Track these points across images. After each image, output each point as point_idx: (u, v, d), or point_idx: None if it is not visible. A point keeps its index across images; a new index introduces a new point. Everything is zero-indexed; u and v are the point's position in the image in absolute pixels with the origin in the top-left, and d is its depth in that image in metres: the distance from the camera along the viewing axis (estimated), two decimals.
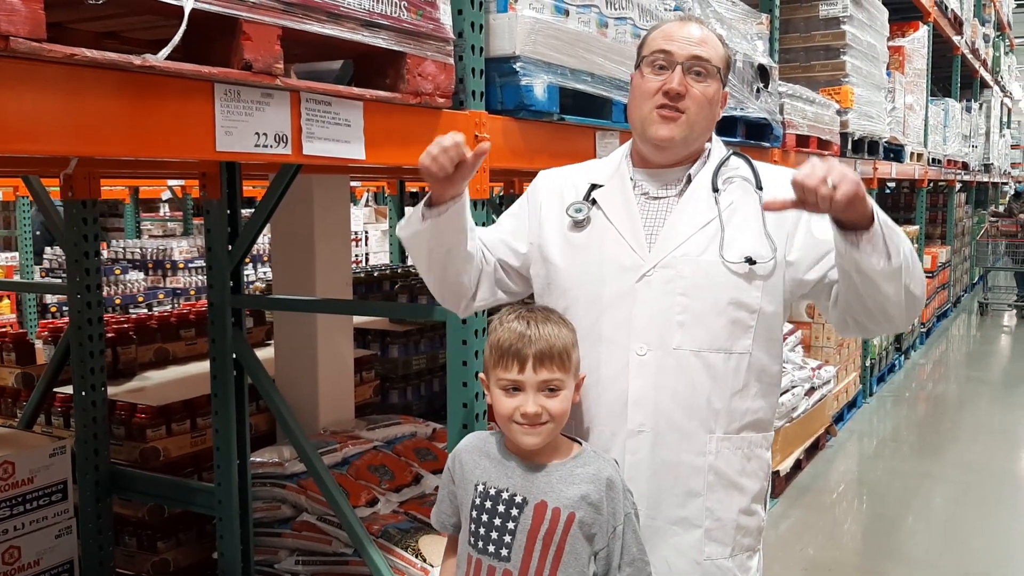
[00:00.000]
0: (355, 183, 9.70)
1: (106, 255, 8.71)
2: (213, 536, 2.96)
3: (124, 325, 3.89)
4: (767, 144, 3.97)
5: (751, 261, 1.58)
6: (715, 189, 1.64)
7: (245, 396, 2.83)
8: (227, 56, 1.44)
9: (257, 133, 1.53)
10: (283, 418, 2.69)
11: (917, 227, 8.60)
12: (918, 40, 7.47)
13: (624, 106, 2.58)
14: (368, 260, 11.30)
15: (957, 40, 9.52)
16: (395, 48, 1.77)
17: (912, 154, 7.58)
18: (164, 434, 3.25)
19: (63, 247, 3.13)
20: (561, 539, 1.49)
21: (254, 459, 2.99)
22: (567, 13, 2.33)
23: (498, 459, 1.56)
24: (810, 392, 5.13)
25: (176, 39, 1.29)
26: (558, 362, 1.49)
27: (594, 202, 1.69)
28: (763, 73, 3.82)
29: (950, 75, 10.31)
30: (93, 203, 3.08)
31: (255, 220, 2.74)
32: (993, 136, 12.99)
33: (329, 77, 1.86)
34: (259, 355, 2.81)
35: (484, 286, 1.73)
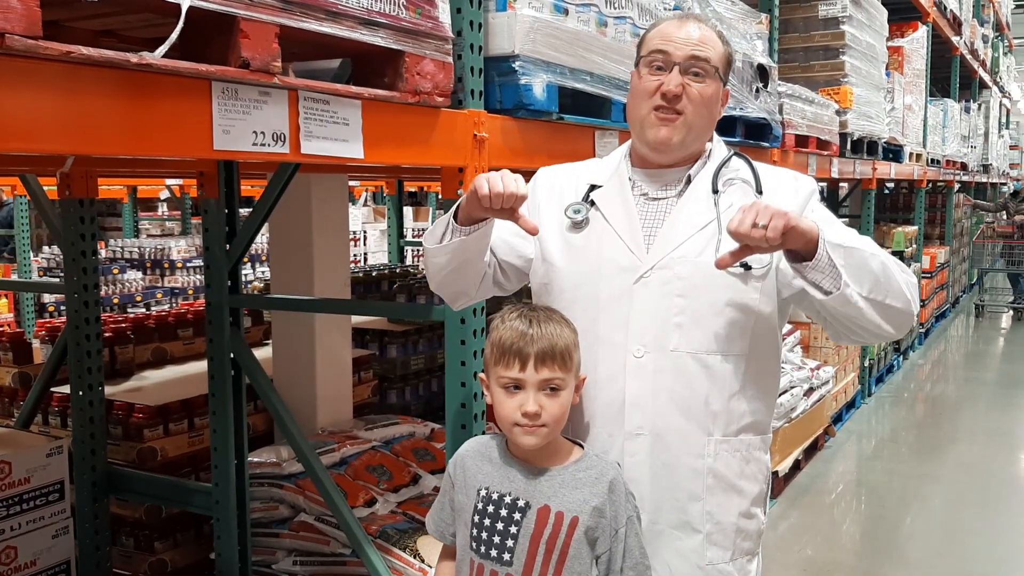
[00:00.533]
0: (353, 183, 9.70)
1: (104, 254, 8.71)
2: (211, 536, 2.95)
3: (122, 325, 3.88)
4: (766, 144, 3.96)
5: (746, 266, 1.57)
6: (715, 191, 1.63)
7: (243, 396, 2.83)
8: (225, 54, 1.43)
9: (255, 132, 1.52)
10: (281, 418, 2.69)
11: (916, 227, 8.60)
12: (917, 40, 7.46)
13: (623, 106, 2.58)
14: (366, 260, 11.31)
15: (956, 41, 9.52)
16: (394, 47, 1.76)
17: (911, 154, 7.58)
18: (161, 434, 3.24)
19: (60, 246, 3.12)
20: (564, 544, 1.48)
21: (252, 459, 2.98)
22: (566, 12, 2.32)
23: (500, 463, 1.55)
24: (809, 392, 5.13)
25: (173, 37, 1.28)
26: (560, 362, 1.49)
27: (592, 203, 1.68)
28: (762, 73, 3.82)
29: (949, 76, 10.32)
30: (91, 202, 3.07)
31: (253, 219, 2.74)
32: (992, 137, 13.00)
33: (327, 76, 1.85)
34: (257, 355, 2.81)
35: (483, 286, 1.74)
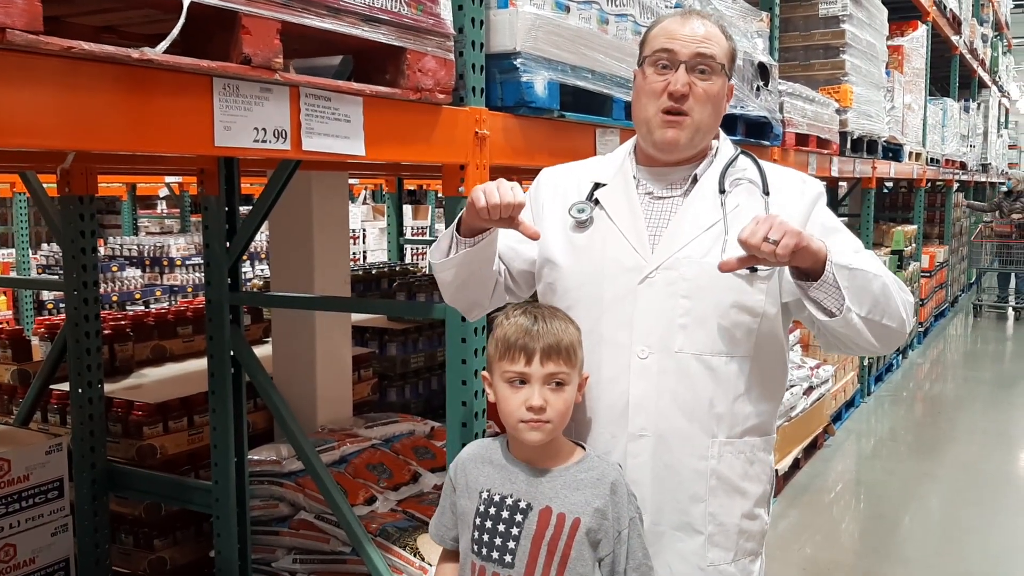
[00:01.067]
0: (353, 181, 9.68)
1: (103, 252, 8.69)
2: (210, 534, 2.95)
3: (121, 322, 3.88)
4: (766, 143, 3.96)
5: (752, 268, 1.55)
6: (722, 191, 1.61)
7: (243, 394, 2.82)
8: (226, 50, 1.42)
9: (256, 128, 1.51)
10: (281, 416, 2.68)
11: (915, 226, 8.60)
12: (917, 39, 7.46)
13: (624, 103, 2.58)
14: (366, 258, 11.30)
15: (956, 40, 9.52)
16: (395, 43, 1.76)
17: (910, 153, 7.58)
18: (161, 432, 3.24)
19: (60, 244, 3.12)
20: (566, 545, 1.48)
21: (252, 457, 2.98)
22: (568, 9, 2.32)
23: (502, 465, 1.55)
24: (808, 391, 5.13)
25: (175, 32, 1.28)
26: (565, 356, 1.49)
27: (597, 202, 1.67)
28: (763, 71, 3.81)
29: (948, 75, 10.32)
30: (90, 199, 3.06)
31: (253, 217, 2.73)
32: (991, 136, 13.00)
33: (328, 72, 1.85)
34: (257, 352, 2.80)
35: (496, 295, 1.74)
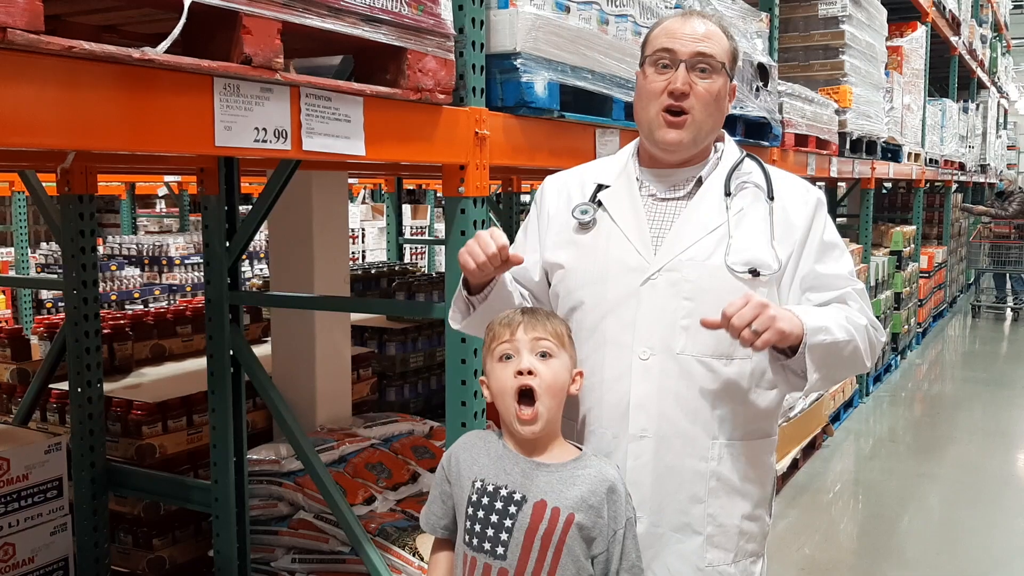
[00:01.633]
0: (352, 180, 9.68)
1: (102, 251, 8.69)
2: (209, 533, 2.95)
3: (120, 321, 3.87)
4: (766, 143, 3.96)
5: (755, 272, 1.56)
6: (727, 193, 1.62)
7: (242, 393, 2.82)
8: (227, 50, 1.43)
9: (257, 128, 1.51)
10: (280, 415, 2.68)
11: (914, 227, 8.61)
12: (916, 40, 7.46)
13: (624, 104, 2.58)
14: (365, 257, 11.29)
15: (955, 41, 9.52)
16: (396, 43, 1.76)
17: (909, 154, 7.59)
18: (160, 431, 3.24)
19: (59, 243, 3.11)
20: (559, 539, 1.47)
21: (251, 456, 2.98)
22: (568, 10, 2.32)
23: (497, 456, 1.54)
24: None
25: (176, 32, 1.28)
26: (551, 333, 1.52)
27: (600, 203, 1.67)
28: (762, 72, 3.81)
29: (947, 76, 10.32)
30: (90, 198, 3.06)
31: (253, 216, 2.73)
32: (989, 137, 13.01)
33: (329, 72, 1.85)
34: (256, 352, 2.80)
35: None
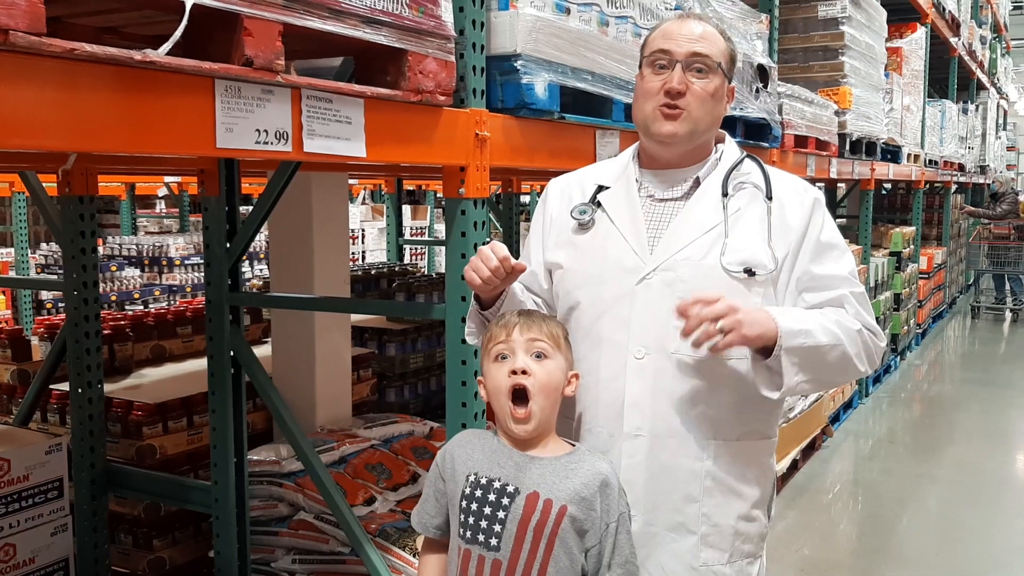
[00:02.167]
0: (352, 181, 9.68)
1: (102, 251, 8.69)
2: (209, 534, 2.95)
3: (121, 322, 3.88)
4: (765, 144, 3.96)
5: (750, 272, 1.56)
6: (725, 193, 1.62)
7: (242, 394, 2.82)
8: (228, 52, 1.43)
9: (258, 130, 1.52)
10: (280, 416, 2.68)
11: (913, 228, 8.62)
12: (916, 41, 7.47)
13: (624, 105, 2.59)
14: (365, 258, 11.29)
15: (954, 42, 9.53)
16: (396, 45, 1.76)
17: (909, 155, 7.59)
18: (161, 432, 3.24)
19: (60, 243, 3.12)
20: (552, 531, 1.48)
21: (251, 457, 2.98)
22: (568, 11, 2.32)
23: (491, 450, 1.56)
24: None
25: (177, 34, 1.28)
26: (547, 334, 1.53)
27: (599, 204, 1.69)
28: (762, 73, 3.82)
29: (947, 77, 10.33)
30: (91, 199, 3.06)
31: (253, 217, 2.73)
32: (989, 138, 13.01)
33: (330, 74, 1.85)
34: (256, 353, 2.80)
35: None
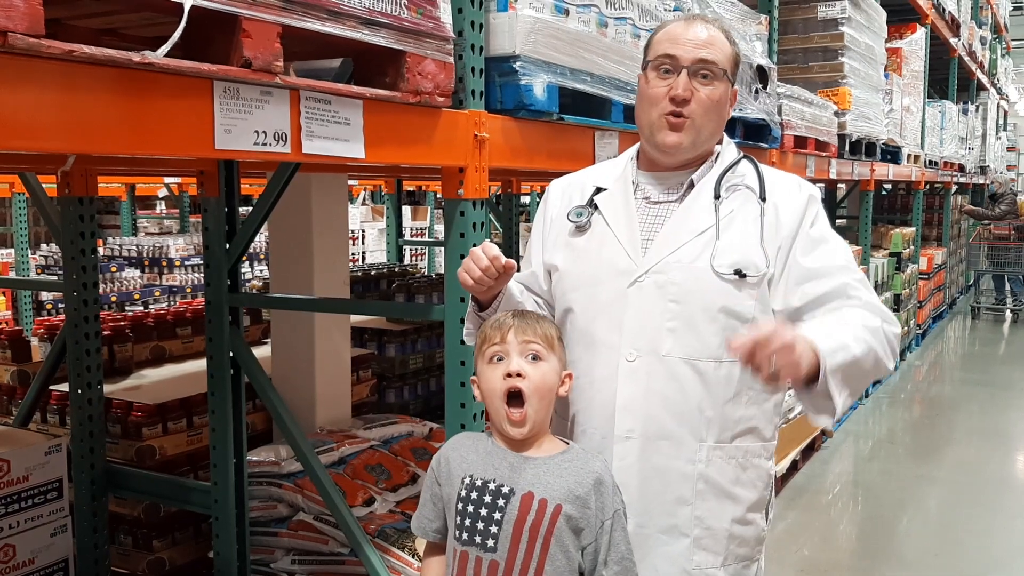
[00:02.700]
0: (352, 182, 9.68)
1: (102, 252, 8.69)
2: (209, 535, 2.95)
3: (120, 323, 3.88)
4: (765, 145, 3.96)
5: (740, 274, 1.56)
6: (716, 196, 1.62)
7: (242, 395, 2.82)
8: (227, 54, 1.43)
9: (256, 131, 1.52)
10: (280, 417, 2.69)
11: (913, 228, 8.61)
12: (916, 42, 7.47)
13: (623, 106, 2.59)
14: (364, 259, 11.30)
15: (954, 42, 9.53)
16: (395, 46, 1.77)
17: (909, 156, 7.59)
18: (160, 432, 3.24)
19: (60, 244, 3.12)
20: (547, 530, 1.49)
21: (251, 458, 2.98)
22: (567, 12, 2.32)
23: (486, 452, 1.56)
24: None
25: (176, 36, 1.29)
26: (541, 336, 1.54)
27: (596, 206, 1.69)
28: (762, 74, 3.82)
29: (947, 77, 10.32)
30: (90, 200, 3.07)
31: (253, 218, 2.73)
32: (989, 138, 13.00)
33: (328, 75, 1.85)
34: (256, 354, 2.80)
35: None
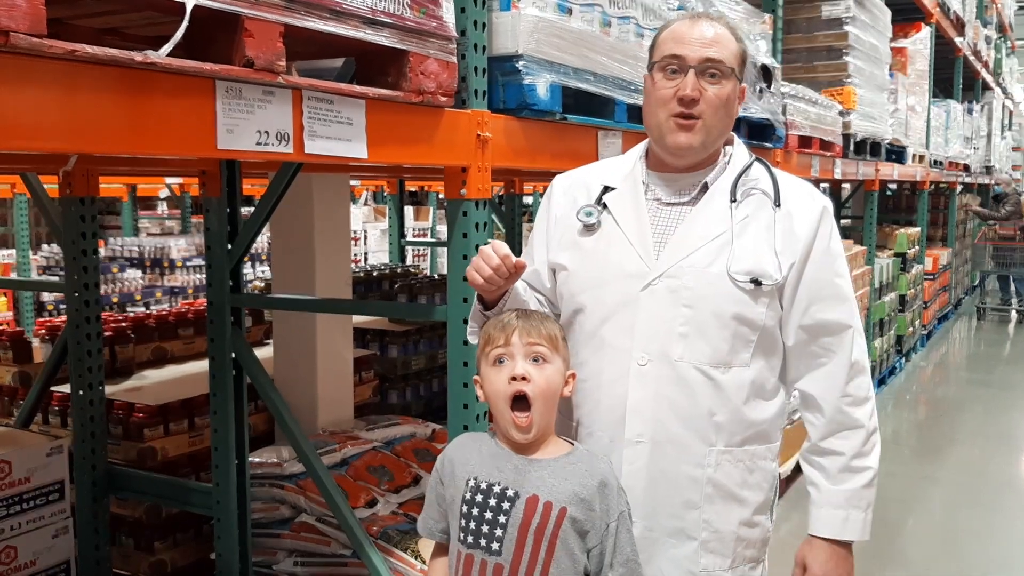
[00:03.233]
0: (354, 182, 9.68)
1: (103, 253, 8.69)
2: (211, 537, 2.94)
3: (122, 324, 3.87)
4: (769, 145, 3.95)
5: (756, 282, 1.55)
6: (733, 200, 1.60)
7: (244, 396, 2.81)
8: (229, 53, 1.42)
9: (259, 131, 1.51)
10: (282, 418, 2.68)
11: (918, 229, 8.60)
12: (920, 41, 7.45)
13: (627, 106, 2.58)
14: (367, 259, 11.30)
15: (959, 42, 9.50)
16: (398, 46, 1.76)
17: (914, 156, 7.57)
18: (162, 434, 3.23)
19: (61, 245, 3.11)
20: (553, 533, 1.48)
21: (252, 459, 2.97)
22: (570, 12, 2.31)
23: (490, 454, 1.55)
24: None
25: (178, 35, 1.28)
26: (545, 337, 1.52)
27: (605, 206, 1.67)
28: (766, 73, 3.81)
29: (952, 77, 10.29)
30: (92, 200, 3.06)
31: (255, 219, 2.72)
32: (994, 138, 12.98)
33: (331, 75, 1.84)
34: (258, 354, 2.79)
35: None
